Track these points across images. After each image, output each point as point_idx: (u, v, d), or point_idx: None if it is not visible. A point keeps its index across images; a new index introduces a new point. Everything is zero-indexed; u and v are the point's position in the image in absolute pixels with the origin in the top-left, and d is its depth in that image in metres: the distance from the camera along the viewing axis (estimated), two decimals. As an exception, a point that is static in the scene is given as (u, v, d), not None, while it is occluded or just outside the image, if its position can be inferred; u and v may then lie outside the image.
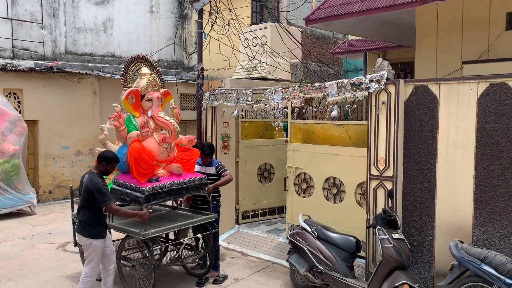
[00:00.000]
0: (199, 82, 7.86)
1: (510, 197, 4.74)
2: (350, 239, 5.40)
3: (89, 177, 4.97)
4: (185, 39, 15.43)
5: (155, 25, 14.20)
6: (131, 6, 13.48)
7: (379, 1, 6.79)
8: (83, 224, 5.01)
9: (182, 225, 5.71)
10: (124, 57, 13.38)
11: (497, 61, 6.48)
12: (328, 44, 15.05)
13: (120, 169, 5.59)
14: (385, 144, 5.51)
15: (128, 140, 5.59)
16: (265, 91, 6.76)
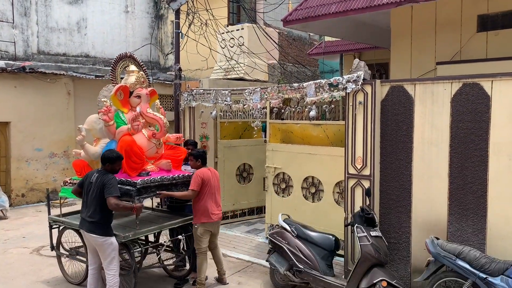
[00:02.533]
0: (177, 82, 7.82)
1: (482, 194, 4.89)
2: (329, 237, 5.46)
3: (99, 174, 4.92)
4: (161, 39, 15.30)
5: (131, 25, 14.03)
6: (106, 5, 13.28)
7: (355, 2, 6.90)
8: (97, 223, 4.86)
9: (163, 227, 5.67)
10: (99, 57, 13.18)
11: (469, 62, 6.68)
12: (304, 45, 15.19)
13: None
14: (362, 144, 5.61)
15: (118, 135, 5.54)
16: (244, 91, 6.78)
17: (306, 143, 7.13)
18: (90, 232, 4.89)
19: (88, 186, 4.96)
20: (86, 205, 4.96)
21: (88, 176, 5.05)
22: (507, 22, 6.69)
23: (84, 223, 4.97)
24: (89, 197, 4.91)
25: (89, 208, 4.91)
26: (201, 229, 5.48)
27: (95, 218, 4.87)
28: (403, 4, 6.43)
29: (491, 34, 6.84)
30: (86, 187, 4.98)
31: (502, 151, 4.74)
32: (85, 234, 4.98)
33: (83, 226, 4.99)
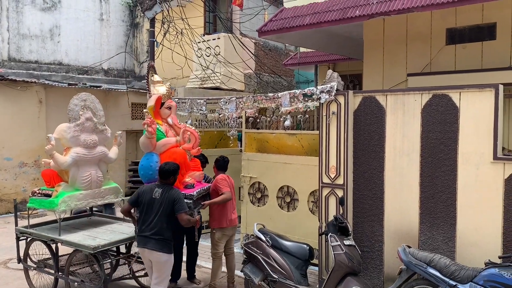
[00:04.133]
0: (152, 91, 7.73)
1: (452, 202, 5.00)
2: (303, 246, 5.46)
3: (162, 190, 4.75)
4: (136, 47, 15.18)
5: (105, 33, 13.88)
6: (80, 13, 13.11)
7: (328, 15, 7.02)
8: (165, 241, 4.73)
9: (134, 237, 5.56)
10: (73, 65, 12.97)
11: (438, 74, 6.87)
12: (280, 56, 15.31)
13: (151, 179, 5.34)
14: (335, 153, 5.67)
15: (162, 148, 5.50)
16: (219, 100, 6.77)
17: (281, 152, 7.17)
18: (158, 250, 4.70)
19: (150, 202, 4.76)
20: (149, 222, 4.73)
21: (145, 192, 4.83)
22: (474, 36, 6.93)
23: (148, 241, 4.73)
24: (153, 214, 4.72)
25: (154, 225, 4.70)
26: (219, 233, 5.67)
27: (164, 235, 4.71)
28: (375, 16, 6.57)
29: (459, 47, 7.06)
30: (147, 203, 4.77)
31: (470, 160, 4.87)
32: (149, 252, 4.75)
33: (147, 244, 4.74)
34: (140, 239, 4.82)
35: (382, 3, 6.46)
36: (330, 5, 7.14)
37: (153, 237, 4.70)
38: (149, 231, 4.73)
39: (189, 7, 11.42)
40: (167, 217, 4.73)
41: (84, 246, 5.02)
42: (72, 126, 5.74)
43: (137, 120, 13.42)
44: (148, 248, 4.73)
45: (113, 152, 6.33)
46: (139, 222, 4.86)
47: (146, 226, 4.75)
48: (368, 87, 7.94)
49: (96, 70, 13.53)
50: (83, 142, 5.81)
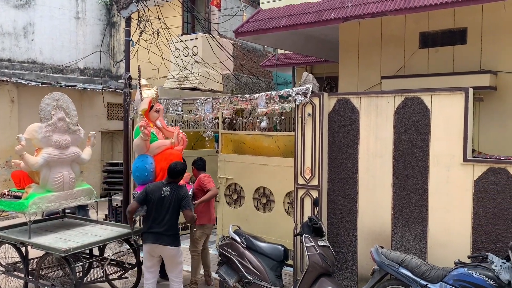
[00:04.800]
0: (126, 91, 7.65)
1: (423, 203, 5.09)
2: (278, 247, 5.47)
3: (171, 188, 4.97)
4: (113, 47, 14.98)
5: (81, 31, 13.65)
6: (55, 11, 12.85)
7: (304, 17, 7.06)
8: (175, 236, 5.01)
9: (107, 239, 5.49)
10: (47, 64, 12.71)
11: (411, 77, 6.99)
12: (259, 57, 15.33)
13: (146, 180, 5.48)
14: (311, 154, 5.70)
15: (156, 150, 5.63)
16: (196, 101, 6.73)
17: (257, 153, 7.17)
18: (170, 245, 4.95)
19: (159, 200, 4.93)
20: (160, 219, 4.92)
21: (153, 191, 4.98)
22: (446, 40, 7.08)
23: (160, 237, 4.93)
24: (163, 211, 4.91)
25: (164, 222, 4.91)
26: (200, 231, 5.90)
27: (174, 231, 4.98)
28: (349, 19, 6.65)
29: (432, 51, 7.20)
30: (156, 201, 4.93)
31: (441, 162, 4.97)
32: (162, 248, 4.96)
33: (159, 240, 4.94)
34: (150, 236, 4.97)
35: (357, 7, 6.54)
36: (306, 7, 7.19)
37: (165, 233, 4.91)
38: (161, 228, 4.92)
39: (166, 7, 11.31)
40: (176, 214, 4.98)
41: (55, 249, 4.91)
42: (44, 126, 5.63)
43: (113, 120, 13.23)
44: (162, 244, 4.93)
45: (86, 152, 6.23)
46: (148, 219, 5.01)
47: (158, 223, 4.93)
48: (343, 89, 8.02)
49: (72, 69, 13.29)
50: (55, 142, 5.70)
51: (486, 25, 6.80)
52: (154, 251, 5.04)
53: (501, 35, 6.69)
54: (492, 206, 4.72)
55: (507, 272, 4.16)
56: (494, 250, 4.64)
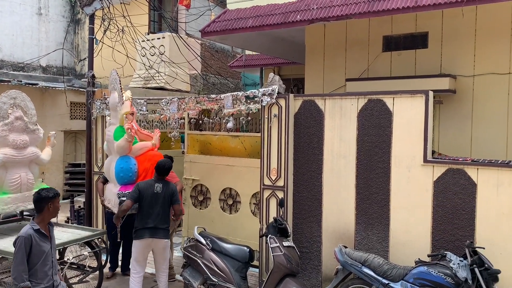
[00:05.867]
0: (89, 90, 7.47)
1: (386, 203, 5.20)
2: (244, 249, 5.46)
3: (163, 184, 5.25)
4: (77, 44, 14.59)
5: (44, 28, 13.23)
6: (16, 6, 12.40)
7: (271, 18, 7.09)
8: (167, 229, 5.32)
9: (67, 242, 5.33)
10: (7, 61, 12.24)
11: (375, 80, 7.13)
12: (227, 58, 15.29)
13: (130, 180, 5.60)
14: (277, 155, 5.72)
15: (139, 151, 5.77)
16: (161, 101, 6.64)
17: (224, 154, 7.13)
18: (165, 238, 5.28)
19: (152, 197, 5.18)
20: (155, 214, 5.19)
21: (146, 188, 5.20)
22: (408, 44, 7.27)
23: (157, 231, 5.20)
24: (157, 207, 5.19)
25: (158, 217, 5.19)
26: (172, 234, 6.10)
27: (167, 224, 5.31)
28: (315, 22, 6.72)
29: (395, 54, 7.38)
30: (149, 198, 5.17)
31: (402, 163, 5.08)
32: (158, 241, 5.23)
33: (156, 234, 5.21)
34: (146, 231, 5.17)
35: (322, 9, 6.62)
36: (272, 8, 7.22)
37: (160, 227, 5.21)
38: (156, 222, 5.19)
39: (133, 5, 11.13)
40: (168, 208, 5.30)
41: (11, 253, 4.71)
42: (0, 126, 5.40)
43: (76, 120, 12.87)
44: (157, 238, 5.21)
45: (46, 153, 6.03)
46: (142, 216, 5.20)
47: (153, 218, 5.17)
48: (309, 91, 8.10)
49: (34, 67, 12.86)
50: (11, 142, 5.50)
51: (446, 30, 7.03)
52: (149, 246, 5.26)
53: (460, 40, 6.93)
54: (451, 206, 4.86)
55: (464, 270, 4.29)
56: (452, 249, 4.78)
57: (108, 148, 6.01)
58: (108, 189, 6.07)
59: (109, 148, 5.99)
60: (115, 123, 5.87)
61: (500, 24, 6.66)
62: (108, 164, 5.91)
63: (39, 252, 3.80)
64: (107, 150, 6.12)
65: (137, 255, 5.29)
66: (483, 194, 4.70)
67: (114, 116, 5.93)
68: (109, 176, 5.94)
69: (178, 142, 8.84)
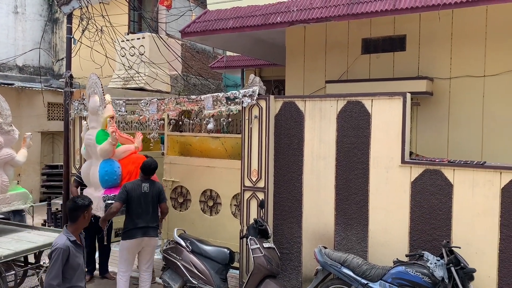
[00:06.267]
0: (67, 90, 7.35)
1: (364, 204, 5.25)
2: (224, 250, 5.45)
3: (150, 183, 5.35)
4: (55, 44, 14.35)
5: (21, 27, 12.96)
6: (-9, 4, 12.13)
7: (251, 19, 7.10)
8: (156, 227, 5.43)
9: (43, 246, 5.22)
10: (-19, 60, 11.95)
11: (354, 82, 7.21)
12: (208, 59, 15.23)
13: (114, 183, 5.60)
14: (257, 157, 5.72)
15: (122, 154, 5.77)
16: (140, 102, 6.57)
17: (204, 156, 7.10)
18: (155, 236, 5.40)
19: (140, 196, 5.27)
20: (144, 214, 5.28)
21: (133, 188, 5.27)
22: (387, 47, 7.37)
23: (148, 230, 5.31)
24: (146, 206, 5.29)
25: (148, 216, 5.30)
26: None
27: (156, 222, 5.44)
28: (295, 24, 6.75)
29: (373, 57, 7.47)
30: (137, 198, 5.25)
31: (381, 164, 5.15)
32: (149, 239, 5.33)
33: (148, 233, 5.31)
34: (138, 231, 5.25)
35: (302, 11, 6.66)
36: (252, 10, 7.23)
37: (151, 225, 5.34)
38: (147, 222, 5.29)
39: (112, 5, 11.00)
40: (156, 207, 5.41)
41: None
42: None
43: (54, 120, 12.64)
44: (149, 236, 5.33)
45: (21, 154, 5.90)
46: (131, 216, 5.28)
47: (143, 218, 5.27)
48: (290, 93, 8.13)
49: (10, 66, 12.58)
50: (-15, 144, 5.35)
51: (423, 33, 7.15)
52: (140, 245, 5.35)
53: (437, 43, 7.06)
54: (428, 206, 4.94)
55: (441, 269, 4.37)
56: (429, 248, 4.86)
57: (87, 153, 5.90)
58: (86, 193, 5.94)
59: (88, 153, 5.88)
60: (96, 126, 5.79)
61: (475, 28, 6.81)
62: (87, 169, 5.84)
63: (75, 264, 3.60)
64: (85, 155, 6.01)
65: (127, 255, 5.35)
66: (459, 195, 4.79)
67: (94, 120, 5.84)
68: (88, 180, 5.88)
69: (157, 144, 8.78)
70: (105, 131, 5.62)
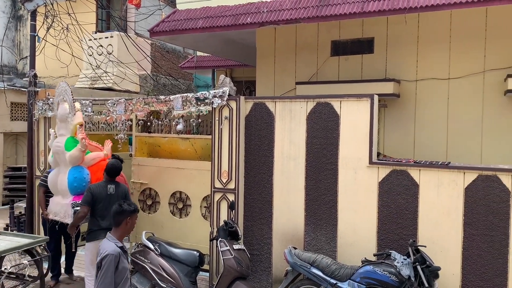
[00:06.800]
0: (31, 89, 7.11)
1: (333, 204, 5.31)
2: (193, 253, 5.38)
3: (115, 185, 5.36)
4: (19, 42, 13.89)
5: (-19, 24, 12.47)
6: None
7: (221, 20, 7.06)
8: None
9: (5, 251, 5.02)
10: None
11: (323, 83, 7.28)
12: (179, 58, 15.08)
13: (83, 190, 5.52)
14: (228, 158, 5.70)
15: (91, 161, 5.80)
16: (107, 102, 6.43)
17: (174, 157, 7.00)
18: None
19: (106, 198, 5.24)
20: (109, 215, 4.96)
21: (99, 190, 5.25)
22: (355, 49, 7.48)
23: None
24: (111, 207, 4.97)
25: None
26: None
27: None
28: (265, 25, 6.76)
29: (342, 59, 7.56)
30: (104, 199, 5.22)
31: (349, 165, 5.21)
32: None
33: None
34: (103, 232, 5.06)
35: (272, 12, 6.68)
36: (223, 10, 7.19)
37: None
38: (111, 223, 5.20)
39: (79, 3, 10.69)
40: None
41: None
42: None
43: (17, 121, 12.20)
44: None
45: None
46: (96, 217, 5.25)
47: (108, 219, 5.10)
48: (260, 94, 8.13)
49: (-31, 64, 12.06)
50: None
51: (390, 36, 7.29)
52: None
53: (404, 46, 7.21)
54: (395, 206, 5.04)
55: (407, 268, 4.45)
56: (397, 248, 4.95)
57: (55, 160, 5.91)
58: (53, 202, 5.92)
59: (55, 160, 5.89)
60: (64, 134, 5.81)
61: (440, 32, 6.99)
62: (54, 177, 5.83)
63: (123, 270, 3.49)
64: (53, 163, 6.00)
65: (92, 256, 5.23)
66: (425, 194, 4.91)
67: (63, 127, 5.86)
68: (55, 188, 5.83)
69: (125, 145, 8.59)
70: (75, 138, 5.68)
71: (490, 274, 4.65)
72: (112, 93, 9.76)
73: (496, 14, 6.64)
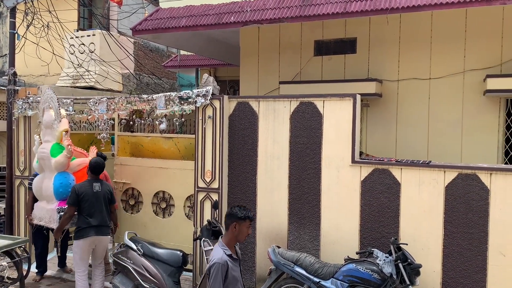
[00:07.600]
0: (10, 88, 6.98)
1: (316, 203, 5.34)
2: (176, 253, 5.35)
3: (100, 183, 5.41)
4: (-2, 39, 13.59)
5: (-41, 20, 12.17)
6: None
7: (204, 18, 7.03)
8: (109, 226, 5.54)
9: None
10: None
11: (307, 83, 7.31)
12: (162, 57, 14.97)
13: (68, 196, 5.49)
14: (211, 157, 5.68)
15: (77, 167, 5.87)
16: (89, 100, 6.35)
17: (157, 156, 6.95)
18: (108, 235, 5.53)
19: (93, 196, 5.30)
20: (98, 212, 5.33)
21: (84, 189, 5.28)
22: (338, 49, 7.52)
23: (101, 229, 5.38)
24: (99, 205, 5.35)
25: (101, 215, 5.35)
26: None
27: (108, 221, 5.51)
28: (248, 24, 6.76)
29: (325, 59, 7.61)
30: (90, 197, 5.28)
31: (332, 164, 5.25)
32: (104, 238, 5.46)
33: (102, 232, 5.40)
34: (91, 229, 5.28)
35: (256, 12, 6.67)
36: (206, 9, 7.16)
37: (104, 224, 5.41)
38: (100, 220, 5.35)
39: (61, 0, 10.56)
40: (107, 207, 5.49)
41: None
42: None
43: (-5, 120, 11.94)
44: (102, 235, 5.41)
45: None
46: (84, 216, 5.28)
47: (96, 216, 5.30)
48: (244, 93, 8.13)
49: None
50: None
51: (373, 36, 7.36)
52: (93, 243, 5.37)
53: (386, 46, 7.28)
54: (377, 204, 5.09)
55: (389, 265, 4.51)
56: (379, 246, 5.01)
57: (40, 166, 5.94)
58: (38, 207, 5.93)
59: (40, 166, 5.94)
60: (50, 140, 5.87)
61: (421, 32, 7.09)
62: (39, 182, 5.88)
63: (233, 279, 3.37)
64: (38, 168, 6.03)
65: (82, 254, 5.34)
66: (406, 193, 4.97)
67: (49, 134, 5.91)
68: (40, 194, 5.87)
69: (108, 144, 8.51)
70: (60, 144, 5.74)
71: (470, 271, 4.74)
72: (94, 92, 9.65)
73: (475, 15, 6.76)
